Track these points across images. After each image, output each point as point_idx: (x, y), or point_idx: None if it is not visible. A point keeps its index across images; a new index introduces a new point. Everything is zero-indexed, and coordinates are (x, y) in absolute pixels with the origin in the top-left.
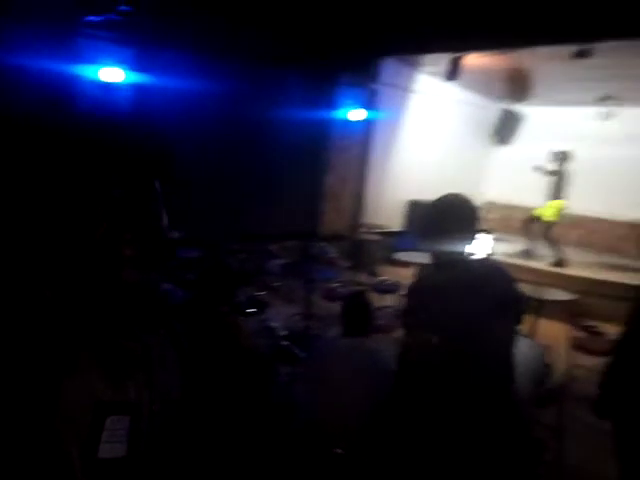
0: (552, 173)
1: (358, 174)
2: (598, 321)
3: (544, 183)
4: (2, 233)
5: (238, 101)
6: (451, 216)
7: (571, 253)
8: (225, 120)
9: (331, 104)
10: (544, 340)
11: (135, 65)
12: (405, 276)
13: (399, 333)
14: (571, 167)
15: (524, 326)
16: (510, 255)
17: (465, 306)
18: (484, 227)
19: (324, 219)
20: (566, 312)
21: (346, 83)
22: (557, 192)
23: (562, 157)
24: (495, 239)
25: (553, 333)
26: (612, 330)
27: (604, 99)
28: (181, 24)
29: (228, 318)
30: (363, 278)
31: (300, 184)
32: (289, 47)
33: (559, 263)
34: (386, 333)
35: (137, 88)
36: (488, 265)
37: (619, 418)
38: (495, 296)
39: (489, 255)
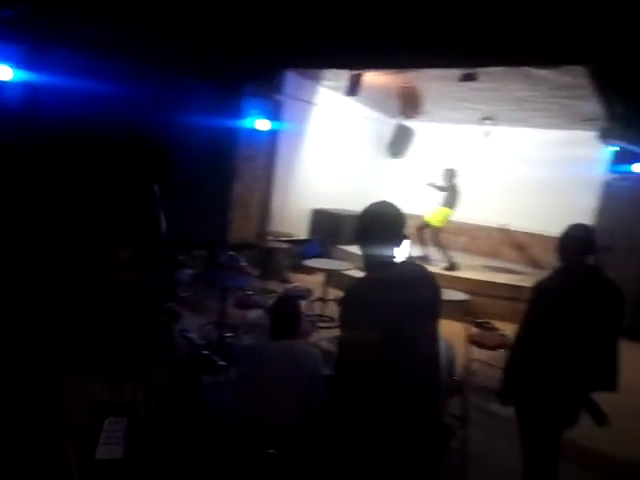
0: (442, 189)
1: (265, 183)
2: (487, 318)
3: (435, 193)
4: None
5: (139, 105)
6: (382, 222)
7: (458, 257)
8: (124, 124)
9: (237, 114)
10: (445, 337)
11: (26, 63)
12: (313, 282)
13: (315, 338)
14: (459, 182)
15: None
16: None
17: (401, 307)
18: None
19: (232, 227)
20: (460, 311)
21: (251, 93)
22: (449, 204)
23: (451, 174)
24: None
25: (450, 330)
26: (500, 326)
27: (485, 119)
28: (79, 23)
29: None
30: (273, 285)
31: (207, 193)
32: (194, 54)
33: (451, 267)
34: (302, 337)
35: (28, 87)
36: (416, 267)
37: (521, 404)
38: (426, 296)
39: (408, 259)
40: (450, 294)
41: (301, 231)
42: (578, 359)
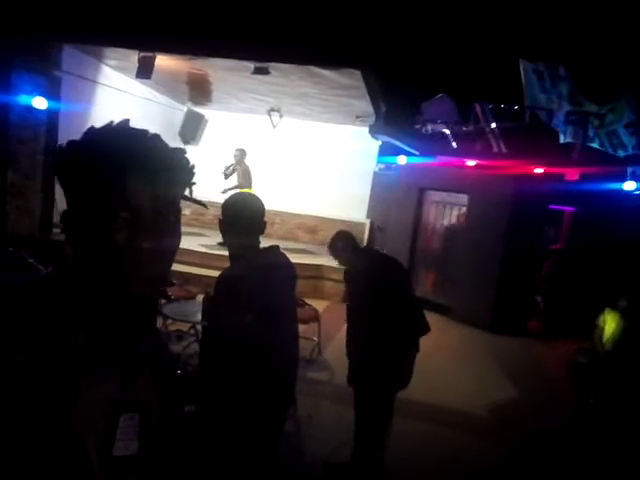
0: (235, 169)
1: (44, 168)
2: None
3: (228, 180)
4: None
5: None
6: (249, 213)
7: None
8: None
9: (6, 89)
10: None
11: None
12: None
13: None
14: (249, 164)
15: None
16: (209, 247)
17: (270, 287)
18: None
19: (9, 220)
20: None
21: (24, 68)
22: (246, 184)
23: (241, 153)
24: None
25: None
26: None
27: (272, 110)
28: None
29: None
30: None
31: None
32: None
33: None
34: None
35: None
36: (276, 252)
37: (360, 375)
38: (288, 278)
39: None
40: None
41: None
42: (396, 321)
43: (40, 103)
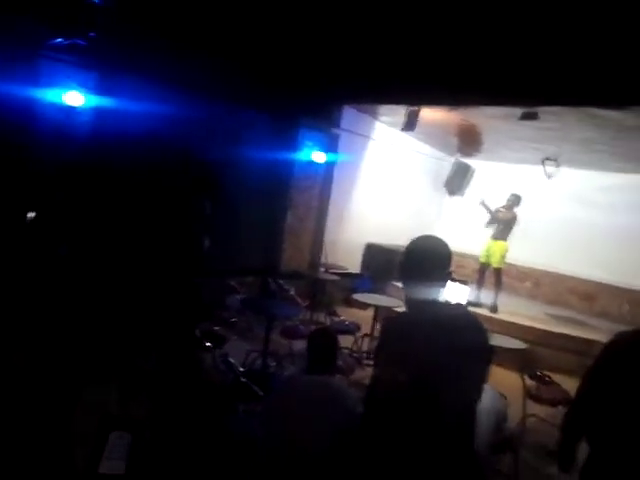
0: (495, 212)
1: (318, 214)
2: (548, 371)
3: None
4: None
5: (201, 135)
6: (424, 257)
7: (521, 304)
8: (186, 152)
9: (293, 146)
10: (497, 388)
11: (96, 89)
12: (362, 317)
13: (358, 375)
14: (519, 214)
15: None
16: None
17: (435, 348)
18: (455, 277)
19: (284, 256)
20: (516, 360)
21: (308, 126)
22: (503, 236)
23: (514, 200)
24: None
25: (505, 381)
26: (560, 380)
27: (547, 159)
28: (148, 53)
29: (190, 350)
30: (321, 317)
31: (260, 221)
32: (257, 87)
33: (494, 309)
34: (345, 375)
35: (97, 112)
36: (460, 311)
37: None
38: (466, 342)
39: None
40: (506, 341)
41: (353, 264)
42: None
43: (319, 157)
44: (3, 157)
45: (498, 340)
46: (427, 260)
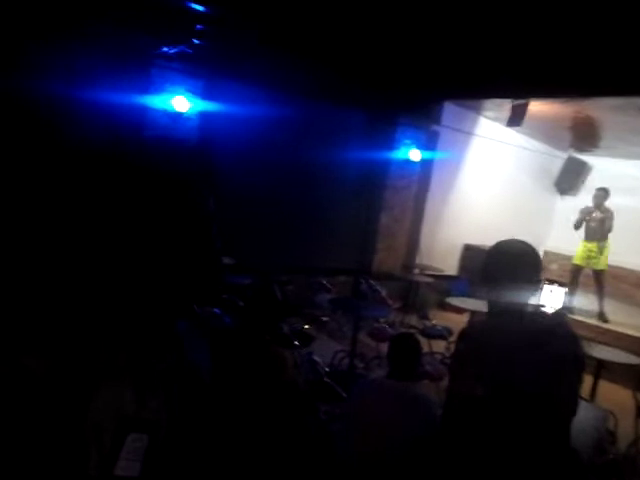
0: (586, 211)
1: (414, 214)
2: None
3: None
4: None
5: (298, 135)
6: (508, 262)
7: (633, 312)
8: (284, 152)
9: (390, 144)
10: (606, 405)
11: (203, 95)
12: (457, 322)
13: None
14: (614, 207)
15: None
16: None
17: (519, 361)
18: (553, 279)
19: (377, 257)
20: (630, 377)
21: (406, 124)
22: (603, 235)
23: (602, 195)
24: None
25: (616, 398)
26: None
27: None
28: (249, 58)
29: (272, 348)
30: (413, 320)
31: (354, 221)
32: (353, 86)
33: (603, 317)
34: (433, 381)
35: (203, 117)
36: (551, 319)
37: None
38: (555, 354)
39: (558, 309)
40: (617, 355)
41: (450, 267)
42: None
43: (415, 155)
44: (118, 160)
45: (608, 354)
46: (515, 263)
